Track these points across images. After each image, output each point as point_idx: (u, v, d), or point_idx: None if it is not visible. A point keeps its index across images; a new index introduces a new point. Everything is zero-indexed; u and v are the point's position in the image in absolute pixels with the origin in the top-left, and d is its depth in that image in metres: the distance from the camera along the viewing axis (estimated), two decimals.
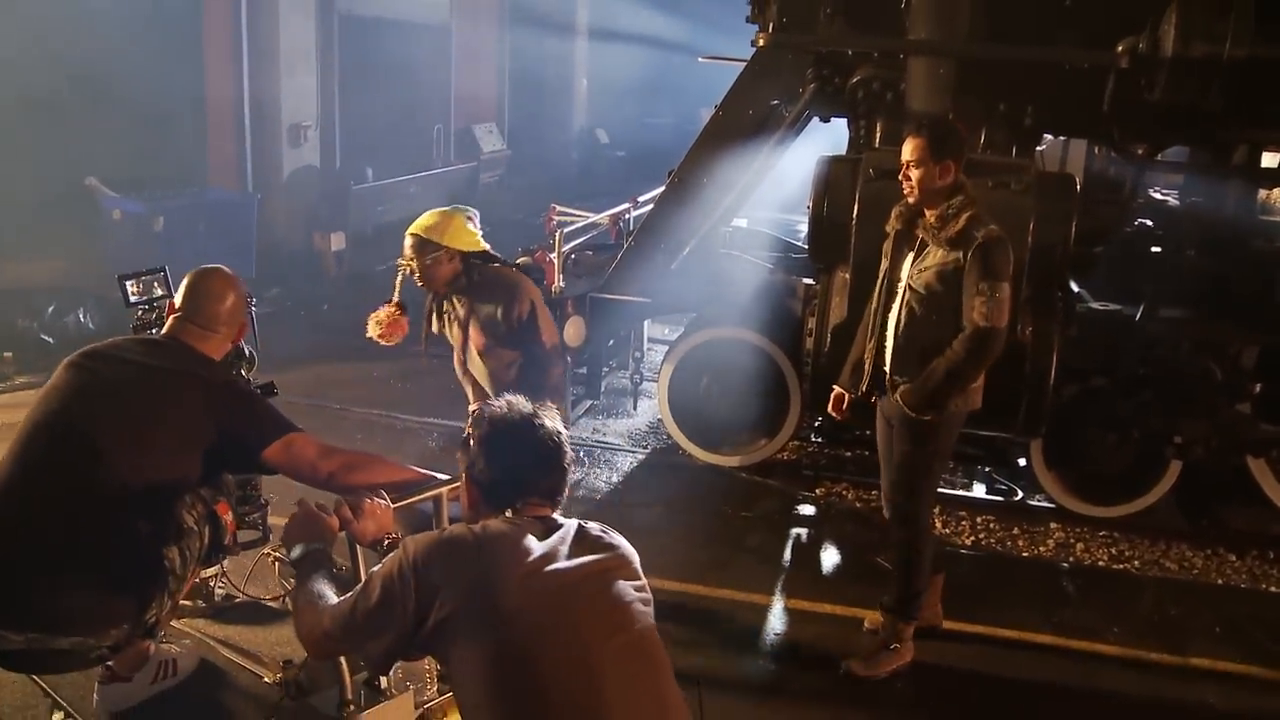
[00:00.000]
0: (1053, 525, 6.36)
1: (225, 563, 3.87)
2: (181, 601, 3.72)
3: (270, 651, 3.31)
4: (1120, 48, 5.61)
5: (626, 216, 7.96)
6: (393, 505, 2.91)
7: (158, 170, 10.71)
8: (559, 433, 2.52)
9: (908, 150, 4.44)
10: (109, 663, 3.44)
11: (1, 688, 3.51)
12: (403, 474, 3.22)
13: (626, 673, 2.28)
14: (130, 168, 10.38)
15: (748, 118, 6.31)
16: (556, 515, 2.49)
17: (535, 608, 2.25)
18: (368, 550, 2.90)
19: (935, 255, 4.41)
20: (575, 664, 2.24)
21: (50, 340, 8.43)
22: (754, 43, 6.63)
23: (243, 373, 4.18)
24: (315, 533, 2.77)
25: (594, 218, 7.44)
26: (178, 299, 3.49)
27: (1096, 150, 7.30)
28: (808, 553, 6.13)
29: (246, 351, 4.22)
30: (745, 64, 6.50)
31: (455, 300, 4.84)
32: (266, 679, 3.38)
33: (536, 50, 18.04)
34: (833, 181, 6.01)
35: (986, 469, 6.99)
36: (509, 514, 2.45)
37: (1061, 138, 7.55)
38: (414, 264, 4.62)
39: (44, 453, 3.11)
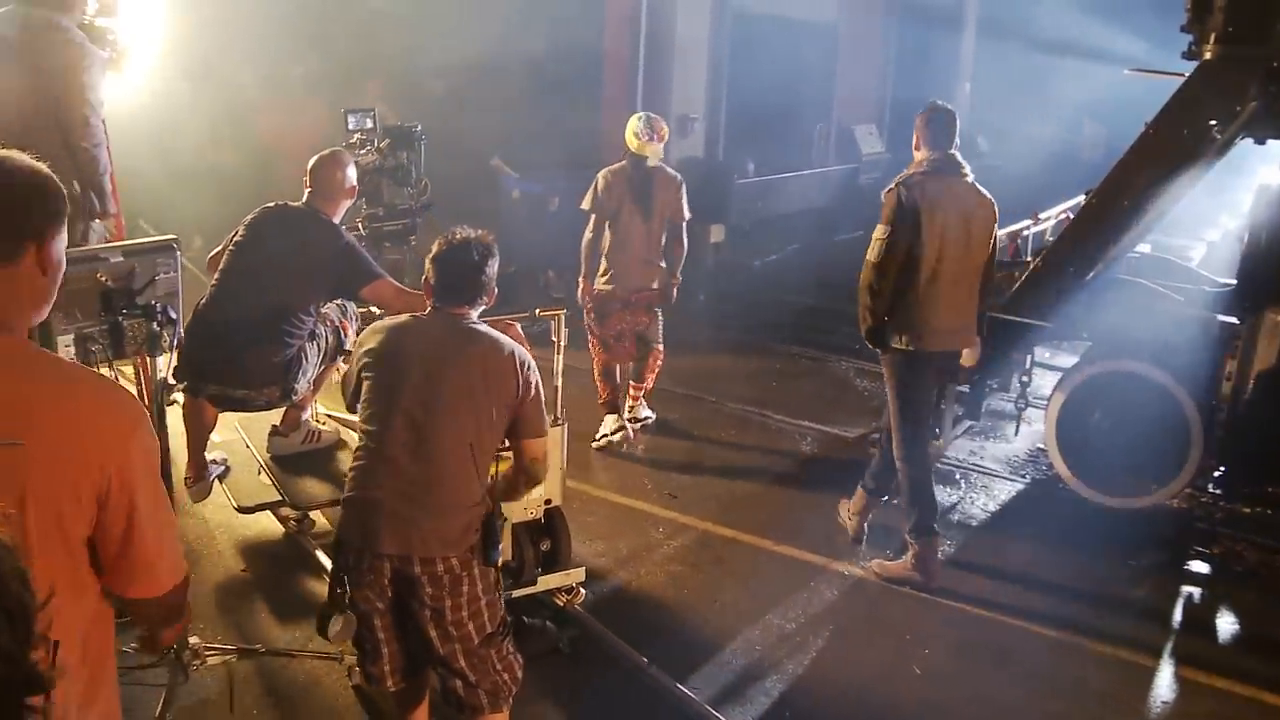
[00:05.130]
0: None
1: None
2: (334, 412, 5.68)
3: None
4: None
5: (1025, 234, 7.59)
6: None
7: (551, 153, 11.25)
8: (480, 260, 3.54)
9: None
10: (276, 424, 5.34)
11: (219, 445, 5.33)
12: None
13: (416, 420, 3.39)
14: (527, 150, 10.96)
15: (1182, 138, 5.81)
16: (470, 313, 3.58)
17: (398, 364, 3.46)
18: None
19: None
20: (399, 401, 3.40)
21: None
22: (1187, 55, 6.13)
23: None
24: None
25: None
26: (307, 178, 4.98)
27: None
28: (1201, 616, 5.61)
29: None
30: (1183, 79, 5.98)
31: None
32: None
33: (921, 49, 17.50)
34: (1277, 211, 5.49)
35: None
36: (435, 309, 3.58)
37: None
38: None
39: (233, 278, 4.85)
